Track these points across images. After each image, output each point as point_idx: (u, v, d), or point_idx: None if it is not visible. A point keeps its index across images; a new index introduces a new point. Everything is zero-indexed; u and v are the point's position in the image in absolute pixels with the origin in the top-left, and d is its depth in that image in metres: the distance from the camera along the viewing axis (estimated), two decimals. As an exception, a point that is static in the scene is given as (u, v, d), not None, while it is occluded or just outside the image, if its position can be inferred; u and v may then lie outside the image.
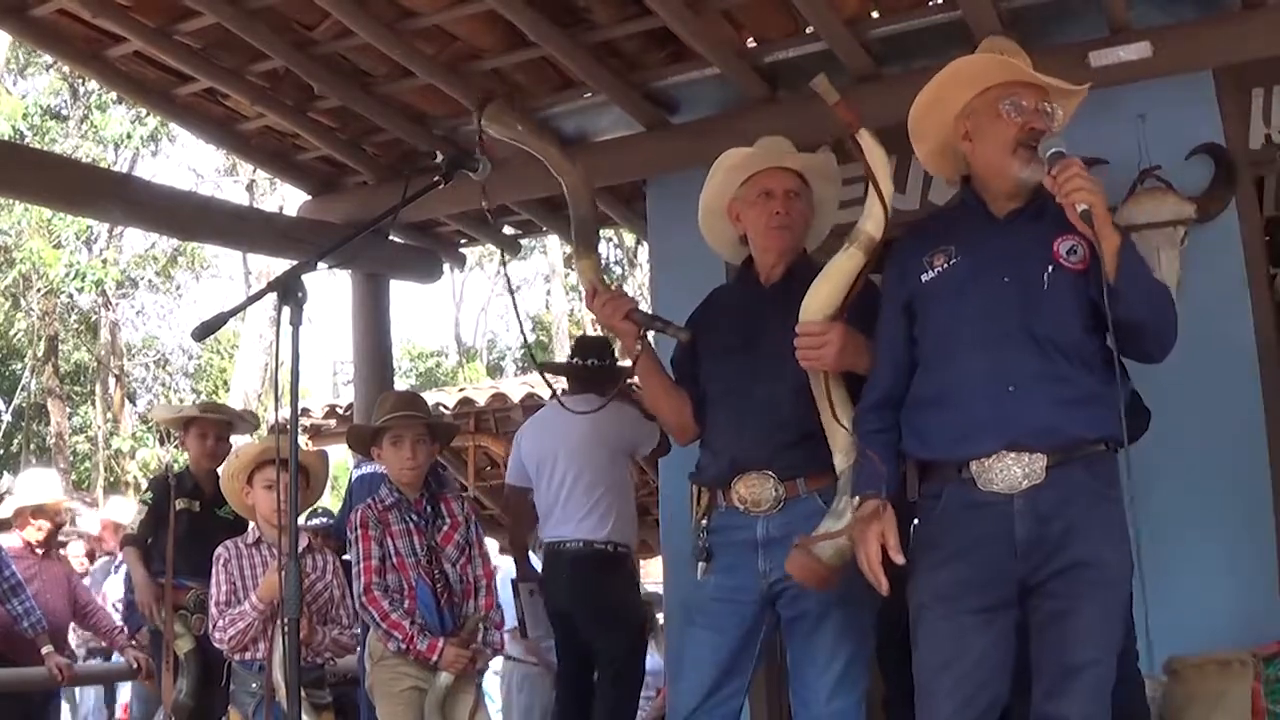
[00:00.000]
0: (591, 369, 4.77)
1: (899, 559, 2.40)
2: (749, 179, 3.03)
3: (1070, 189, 2.32)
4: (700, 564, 2.89)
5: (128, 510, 6.97)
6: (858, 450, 2.60)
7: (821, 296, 2.66)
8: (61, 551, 6.00)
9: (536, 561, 5.10)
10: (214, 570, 3.69)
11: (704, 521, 2.91)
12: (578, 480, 4.60)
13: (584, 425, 4.36)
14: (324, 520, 5.92)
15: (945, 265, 2.53)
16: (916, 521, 2.54)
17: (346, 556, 3.88)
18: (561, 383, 4.81)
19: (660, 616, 5.56)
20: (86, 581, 6.13)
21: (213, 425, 4.86)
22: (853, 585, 2.56)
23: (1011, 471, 2.37)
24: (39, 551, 5.37)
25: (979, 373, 2.43)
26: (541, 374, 3.84)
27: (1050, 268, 2.42)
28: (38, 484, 5.53)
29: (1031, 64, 2.64)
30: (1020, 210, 2.54)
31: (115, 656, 5.92)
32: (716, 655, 2.83)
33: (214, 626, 3.61)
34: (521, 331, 3.98)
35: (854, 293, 2.66)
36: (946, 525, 2.44)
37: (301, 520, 5.69)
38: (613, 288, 3.05)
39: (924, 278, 2.55)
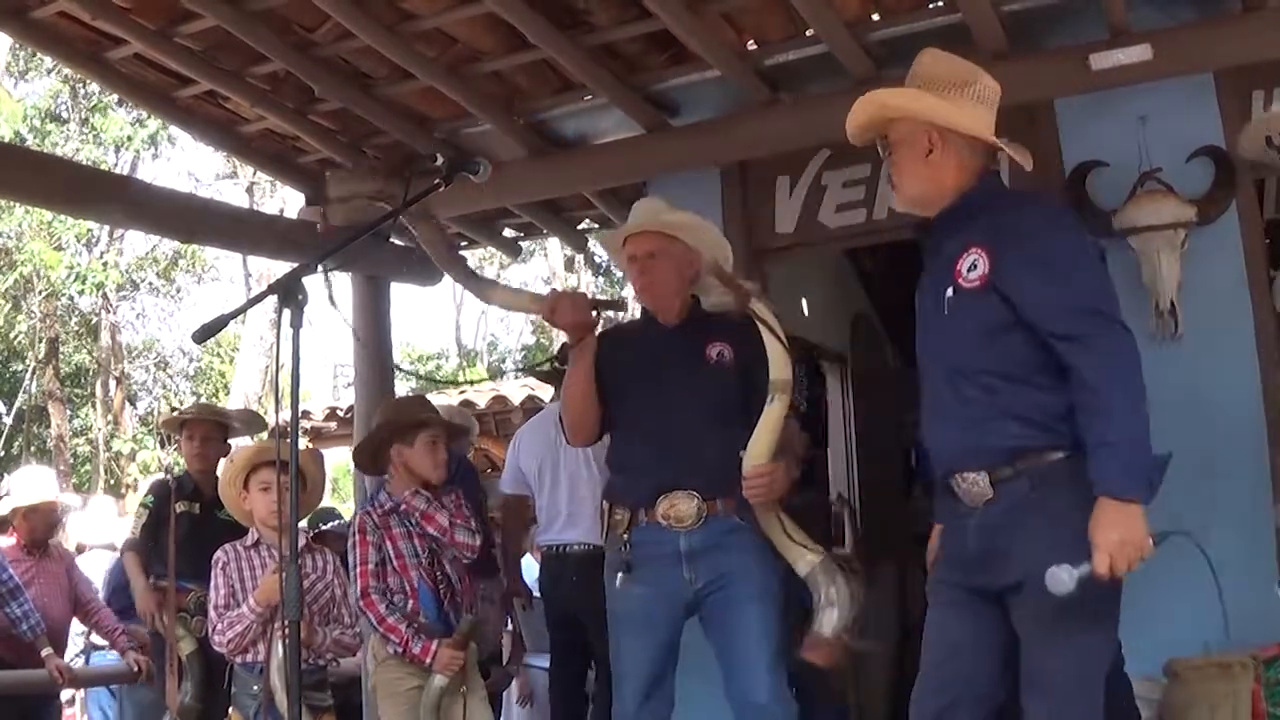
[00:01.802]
0: None
1: None
2: (624, 245, 3.34)
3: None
4: (620, 575, 3.16)
5: (100, 514, 6.94)
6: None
7: (763, 445, 2.98)
8: (64, 544, 5.94)
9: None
10: (212, 574, 3.69)
11: (625, 536, 3.17)
12: (583, 483, 4.59)
13: None
14: (336, 523, 5.93)
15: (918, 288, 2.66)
16: None
17: None
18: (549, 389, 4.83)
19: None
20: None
21: (200, 426, 4.86)
22: (765, 589, 3.10)
23: (966, 488, 2.46)
24: (35, 553, 5.34)
25: (926, 400, 2.57)
26: (448, 384, 3.94)
27: (950, 290, 2.45)
28: (31, 483, 5.49)
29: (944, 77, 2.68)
30: (934, 228, 2.59)
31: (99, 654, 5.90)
32: (648, 658, 3.15)
33: (213, 630, 3.61)
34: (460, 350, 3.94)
35: (782, 434, 3.02)
36: (944, 535, 2.61)
37: (303, 523, 5.69)
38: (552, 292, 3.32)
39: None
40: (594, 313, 3.23)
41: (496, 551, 5.03)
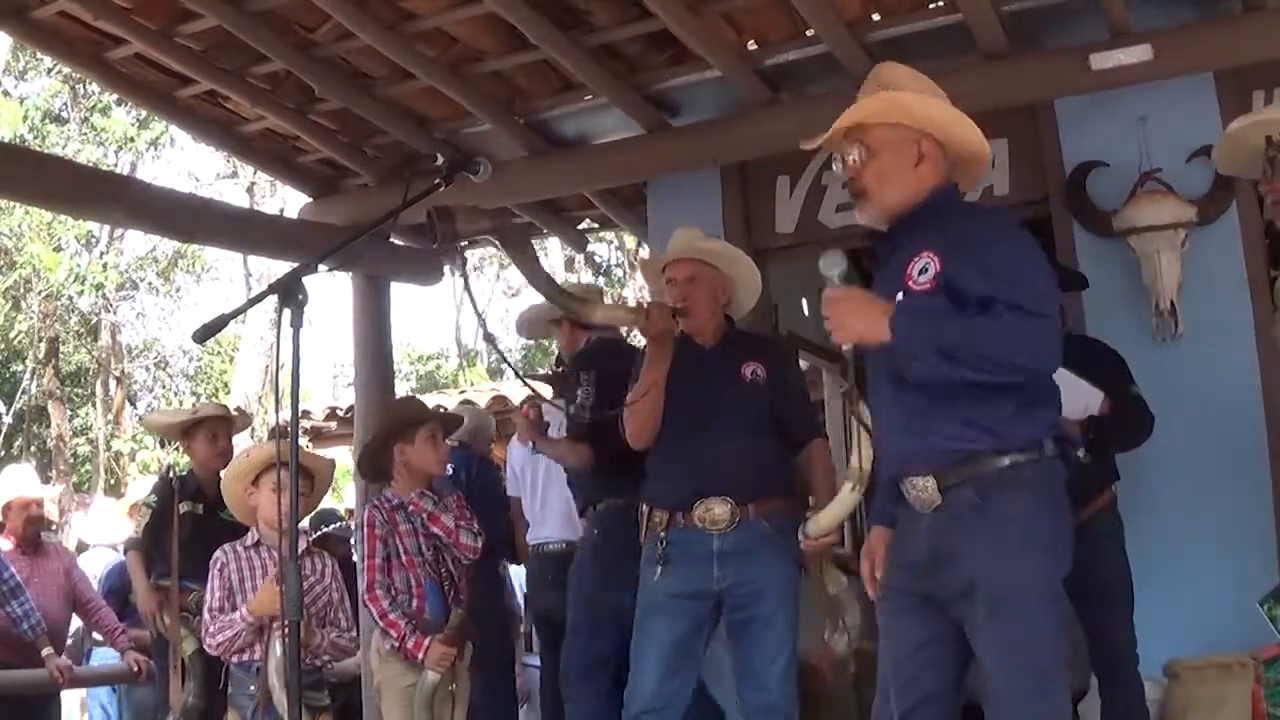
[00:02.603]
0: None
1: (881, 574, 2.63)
2: (664, 270, 3.58)
3: (829, 330, 2.36)
4: (658, 568, 3.40)
5: (102, 514, 6.92)
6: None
7: (831, 519, 3.23)
8: (61, 541, 5.91)
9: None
10: (210, 575, 3.68)
11: (662, 534, 3.42)
12: (554, 482, 4.68)
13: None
14: (337, 525, 5.92)
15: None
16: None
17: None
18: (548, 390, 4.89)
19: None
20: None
21: (224, 424, 4.86)
22: (786, 597, 3.36)
23: (915, 494, 2.44)
24: (29, 552, 5.31)
25: (877, 405, 2.58)
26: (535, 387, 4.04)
27: (900, 294, 2.42)
28: (10, 481, 5.48)
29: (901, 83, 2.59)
30: (889, 234, 2.55)
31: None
32: (673, 644, 3.38)
33: (205, 632, 3.62)
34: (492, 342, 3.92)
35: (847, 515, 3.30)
36: (895, 539, 2.58)
37: (305, 523, 5.68)
38: (640, 305, 3.50)
39: None
40: (675, 318, 3.46)
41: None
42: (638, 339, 3.76)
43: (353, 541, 3.74)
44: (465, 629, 3.64)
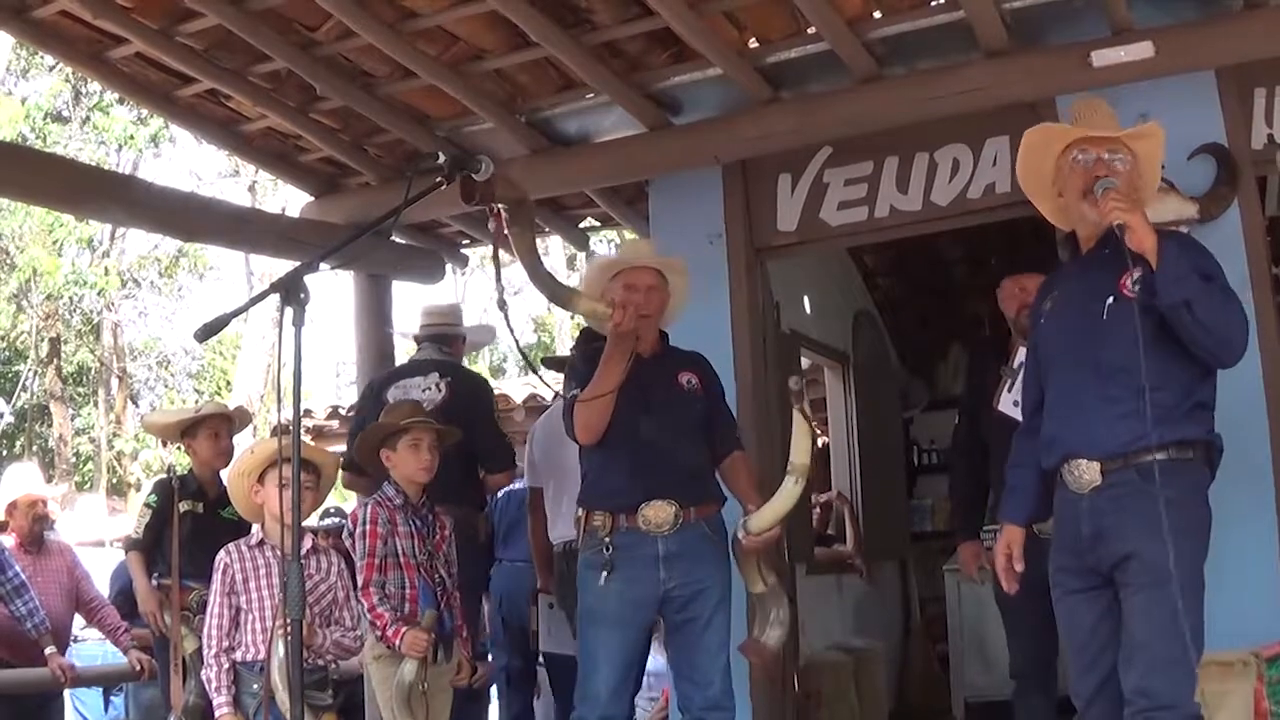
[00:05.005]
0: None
1: (1019, 566, 2.98)
2: (617, 275, 3.63)
3: (1108, 209, 2.71)
4: (603, 573, 3.45)
5: (88, 512, 6.91)
6: (1006, 480, 3.13)
7: (774, 514, 3.42)
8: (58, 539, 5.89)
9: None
10: (213, 576, 3.66)
11: (607, 539, 3.48)
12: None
13: None
14: (336, 520, 5.91)
15: (1051, 306, 3.02)
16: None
17: None
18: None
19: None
20: None
21: (225, 422, 4.86)
22: (726, 596, 3.52)
23: (1078, 475, 2.79)
24: (32, 550, 5.31)
25: (1059, 396, 2.90)
26: (538, 373, 4.04)
27: (1111, 299, 2.79)
28: (7, 479, 5.47)
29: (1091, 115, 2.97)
30: (1095, 249, 2.91)
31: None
32: (624, 649, 3.49)
33: (204, 663, 3.61)
34: (514, 338, 3.96)
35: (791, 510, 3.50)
36: (1057, 522, 2.93)
37: (313, 521, 5.68)
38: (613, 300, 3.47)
39: (1041, 320, 3.06)
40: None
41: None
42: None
43: (358, 531, 3.74)
44: (434, 626, 3.68)
